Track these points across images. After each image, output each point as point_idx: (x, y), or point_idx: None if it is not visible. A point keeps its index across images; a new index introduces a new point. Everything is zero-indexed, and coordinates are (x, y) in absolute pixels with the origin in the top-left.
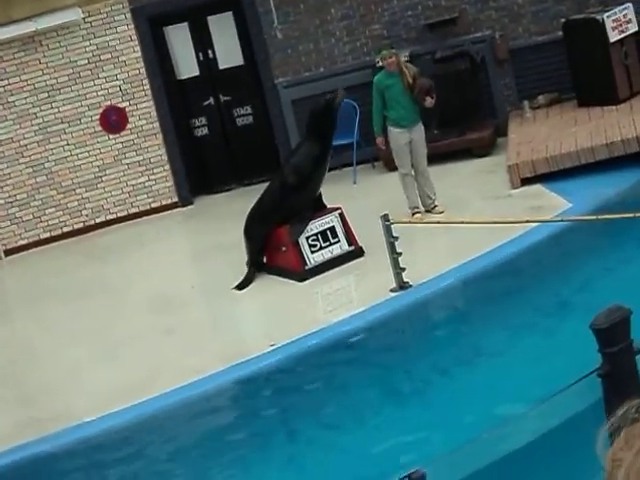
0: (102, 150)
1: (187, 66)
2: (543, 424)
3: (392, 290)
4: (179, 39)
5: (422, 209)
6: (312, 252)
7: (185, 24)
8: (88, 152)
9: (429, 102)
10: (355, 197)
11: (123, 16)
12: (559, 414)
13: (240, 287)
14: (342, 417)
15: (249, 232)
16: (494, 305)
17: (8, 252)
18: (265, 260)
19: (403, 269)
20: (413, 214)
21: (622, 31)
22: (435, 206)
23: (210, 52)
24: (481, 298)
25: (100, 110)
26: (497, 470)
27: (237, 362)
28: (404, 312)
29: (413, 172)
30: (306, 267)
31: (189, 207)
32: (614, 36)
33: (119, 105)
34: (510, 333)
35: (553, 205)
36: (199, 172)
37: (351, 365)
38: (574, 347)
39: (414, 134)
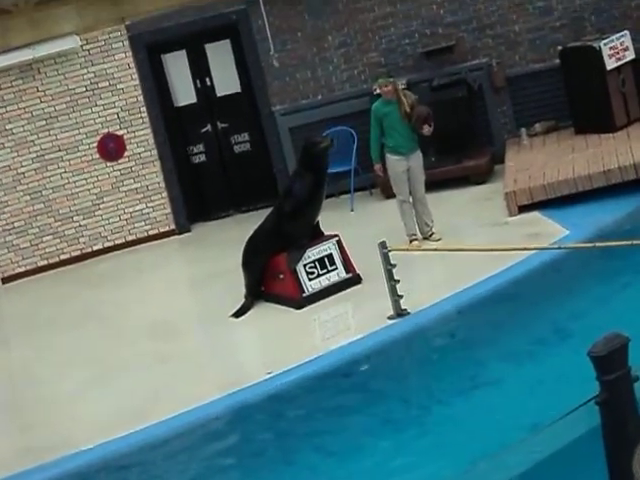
0: (100, 178)
1: (185, 93)
2: (541, 452)
3: (390, 317)
4: (177, 66)
5: (420, 236)
6: (310, 279)
7: (183, 52)
8: (86, 180)
9: (426, 130)
10: (353, 224)
11: (121, 44)
12: (557, 442)
13: (237, 315)
14: (340, 445)
15: (247, 263)
16: (491, 332)
17: (5, 280)
18: (263, 288)
19: (401, 296)
20: (411, 241)
21: (619, 59)
22: (432, 233)
23: (208, 79)
24: (478, 325)
25: (98, 138)
26: None
27: (234, 390)
28: (402, 340)
29: (411, 199)
30: (303, 294)
31: (186, 234)
32: (611, 64)
33: (117, 133)
34: (508, 360)
35: (550, 232)
36: (196, 199)
37: (348, 392)
38: (572, 375)
39: (412, 161)
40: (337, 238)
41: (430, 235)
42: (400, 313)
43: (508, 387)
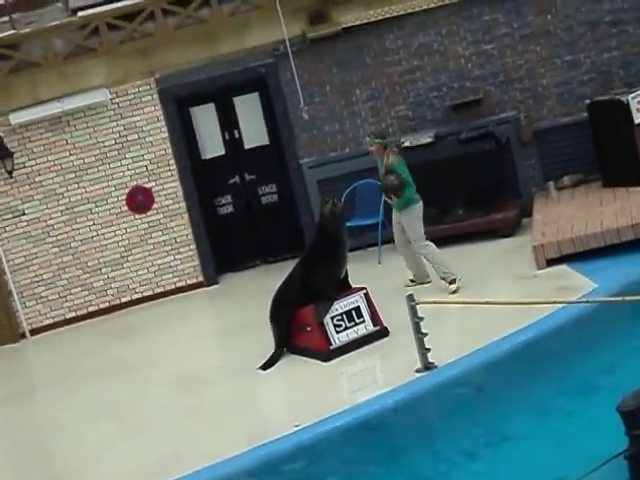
0: (128, 230)
1: (213, 146)
2: None
3: (417, 370)
4: (205, 119)
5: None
6: (337, 332)
7: (211, 105)
8: (114, 232)
9: (387, 199)
10: (380, 277)
11: (150, 97)
12: None
13: (265, 367)
14: None
15: (275, 315)
16: (520, 386)
17: (34, 331)
18: (290, 340)
19: (428, 349)
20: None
21: None
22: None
23: (236, 132)
24: (506, 379)
25: (126, 190)
26: None
27: (261, 443)
28: (429, 393)
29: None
30: (331, 347)
31: (214, 286)
32: (639, 117)
33: (145, 185)
34: (536, 415)
35: (579, 286)
36: (224, 250)
37: (376, 446)
38: (600, 429)
39: (400, 217)
40: (365, 291)
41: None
42: (428, 366)
43: (536, 441)
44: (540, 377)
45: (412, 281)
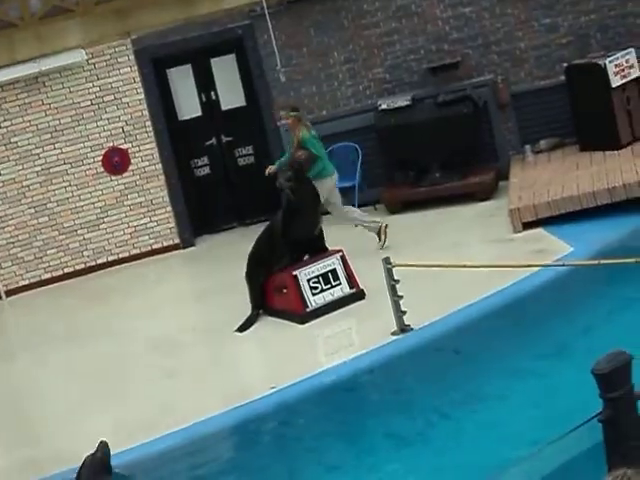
0: (104, 191)
1: (189, 107)
2: (543, 469)
3: (393, 333)
4: (182, 81)
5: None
6: (313, 294)
7: (188, 66)
8: (90, 193)
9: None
10: (356, 240)
11: (126, 58)
12: (559, 459)
13: (242, 329)
14: (343, 459)
15: (250, 276)
16: (495, 348)
17: (9, 292)
18: (266, 302)
19: (404, 312)
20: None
21: (624, 76)
22: None
23: (213, 93)
24: (482, 341)
25: (103, 151)
26: None
27: (238, 404)
28: (405, 355)
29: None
30: (307, 309)
31: (191, 248)
32: (616, 81)
33: (122, 146)
34: (511, 377)
35: (555, 249)
36: (200, 212)
37: (352, 407)
38: (575, 392)
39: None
40: (341, 253)
41: None
42: (404, 329)
43: (511, 403)
44: (516, 339)
45: (378, 237)
